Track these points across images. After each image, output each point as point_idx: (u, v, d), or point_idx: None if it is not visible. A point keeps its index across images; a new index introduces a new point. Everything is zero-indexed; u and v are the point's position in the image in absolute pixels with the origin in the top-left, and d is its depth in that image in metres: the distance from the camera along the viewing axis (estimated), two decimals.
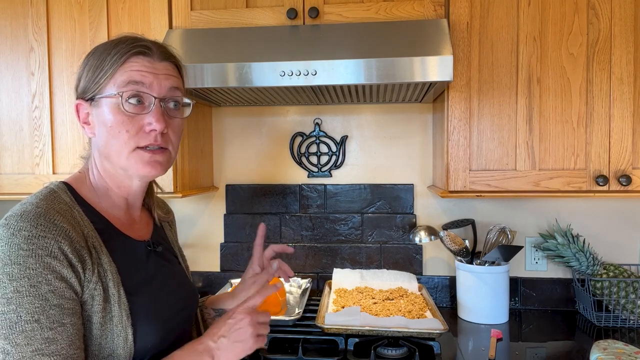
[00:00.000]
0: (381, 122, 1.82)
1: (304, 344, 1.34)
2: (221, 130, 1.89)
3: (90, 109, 0.84)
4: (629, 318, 1.56)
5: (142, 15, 1.52)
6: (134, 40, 0.83)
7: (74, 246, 0.73)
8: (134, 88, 0.80)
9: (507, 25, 1.41)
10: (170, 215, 1.10)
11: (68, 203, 0.79)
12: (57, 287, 0.70)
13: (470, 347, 1.40)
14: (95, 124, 0.84)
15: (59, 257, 0.70)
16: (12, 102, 1.58)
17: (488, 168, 1.43)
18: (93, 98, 0.82)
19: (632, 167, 1.38)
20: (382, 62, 1.28)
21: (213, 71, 1.33)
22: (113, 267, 0.78)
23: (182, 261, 1.05)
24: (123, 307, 0.77)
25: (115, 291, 0.77)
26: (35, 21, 1.55)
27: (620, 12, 1.36)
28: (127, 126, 0.80)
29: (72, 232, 0.74)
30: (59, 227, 0.72)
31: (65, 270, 0.71)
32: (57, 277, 0.70)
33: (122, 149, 0.81)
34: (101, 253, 0.78)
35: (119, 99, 0.80)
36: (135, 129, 0.81)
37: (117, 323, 0.76)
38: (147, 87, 0.81)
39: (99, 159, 0.86)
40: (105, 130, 0.82)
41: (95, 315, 0.74)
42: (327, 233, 1.84)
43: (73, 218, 0.77)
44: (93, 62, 0.83)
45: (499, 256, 1.54)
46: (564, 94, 1.40)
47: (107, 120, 0.81)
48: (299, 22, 1.46)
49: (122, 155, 0.82)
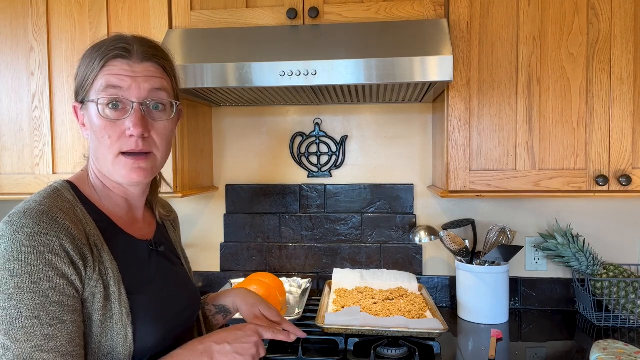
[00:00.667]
0: (381, 122, 1.82)
1: (304, 344, 1.34)
2: (221, 130, 1.89)
3: (82, 111, 0.85)
4: (629, 318, 1.56)
5: (142, 15, 1.52)
6: (114, 42, 0.82)
7: (75, 244, 0.73)
8: (112, 93, 0.80)
9: (507, 25, 1.41)
10: (172, 214, 1.10)
11: (71, 201, 0.79)
12: (57, 284, 0.70)
13: (470, 347, 1.40)
14: (87, 127, 0.85)
15: (60, 254, 0.71)
16: (12, 102, 1.58)
17: (488, 168, 1.43)
18: (83, 101, 0.83)
19: (632, 167, 1.38)
20: (382, 62, 1.28)
21: (213, 71, 1.33)
22: (114, 265, 0.78)
23: (185, 262, 1.05)
24: (124, 305, 0.77)
25: (116, 289, 0.77)
26: (35, 21, 1.55)
27: (620, 12, 1.36)
28: (108, 131, 0.80)
29: (74, 230, 0.74)
30: (61, 225, 0.72)
31: (67, 268, 0.71)
32: (58, 274, 0.70)
33: (107, 153, 0.82)
34: (103, 251, 0.78)
35: (97, 104, 0.80)
36: (117, 135, 0.80)
37: (117, 321, 0.76)
38: (126, 91, 0.80)
39: (93, 160, 0.87)
40: (93, 134, 0.83)
41: (96, 313, 0.74)
42: (327, 233, 1.84)
43: (76, 216, 0.77)
44: (82, 64, 0.84)
45: (499, 256, 1.54)
46: (564, 94, 1.40)
47: (93, 124, 0.82)
48: (299, 22, 1.46)
49: (108, 161, 0.82)
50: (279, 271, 1.86)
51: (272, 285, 1.51)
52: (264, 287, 1.47)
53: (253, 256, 1.87)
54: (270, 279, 1.57)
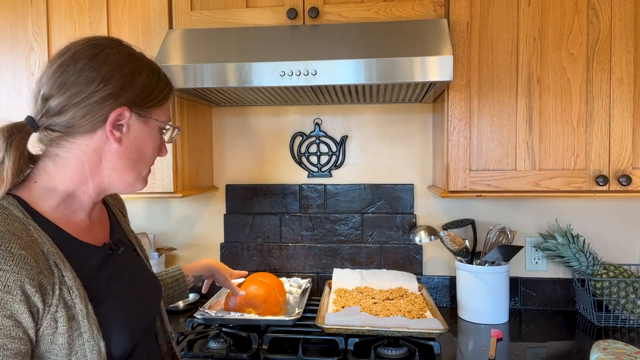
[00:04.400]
0: (381, 122, 1.82)
1: (304, 344, 1.34)
2: (221, 130, 1.89)
3: (130, 121, 0.81)
4: (629, 318, 1.56)
5: (142, 15, 1.52)
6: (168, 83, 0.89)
7: (32, 276, 0.67)
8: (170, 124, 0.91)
9: (507, 25, 1.41)
10: (119, 200, 1.06)
11: (22, 220, 0.72)
12: (3, 326, 0.64)
13: (470, 347, 1.40)
14: (124, 137, 0.81)
15: (13, 291, 0.65)
16: (12, 102, 1.58)
17: (488, 168, 1.43)
18: (142, 114, 0.83)
19: (632, 167, 1.38)
20: (382, 62, 1.28)
21: (213, 71, 1.33)
22: (78, 283, 0.74)
23: (140, 252, 1.00)
24: (92, 321, 0.73)
25: (83, 307, 0.73)
26: (35, 21, 1.55)
27: (620, 12, 1.36)
28: (155, 154, 0.88)
29: (31, 258, 0.68)
30: (16, 256, 0.66)
31: (18, 306, 0.66)
32: (5, 315, 0.65)
33: (141, 170, 0.86)
34: (64, 270, 0.73)
35: (171, 129, 0.89)
36: (153, 159, 0.89)
37: (87, 338, 0.72)
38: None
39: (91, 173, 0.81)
40: (134, 149, 0.83)
41: (61, 337, 0.70)
42: (327, 233, 1.84)
43: (30, 237, 0.71)
44: (144, 75, 0.83)
45: (499, 256, 1.54)
46: (564, 94, 1.40)
47: (146, 141, 0.85)
48: (299, 22, 1.46)
49: (131, 177, 0.84)
50: (279, 271, 1.86)
51: (272, 285, 1.51)
52: (264, 287, 1.46)
53: (253, 256, 1.87)
54: (270, 279, 1.57)
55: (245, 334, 1.39)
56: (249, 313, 1.41)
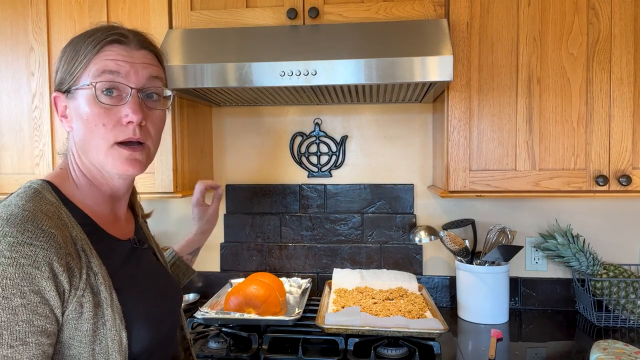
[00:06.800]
0: (381, 122, 1.82)
1: (304, 344, 1.34)
2: (221, 130, 1.89)
3: (67, 101, 0.80)
4: (629, 318, 1.56)
5: (142, 15, 1.52)
6: (109, 28, 0.80)
7: (61, 254, 0.68)
8: (109, 78, 0.76)
9: (507, 25, 1.41)
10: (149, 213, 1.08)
11: (54, 204, 0.74)
12: (30, 302, 0.64)
13: (470, 347, 1.40)
14: (72, 118, 0.80)
15: (42, 267, 0.65)
16: (12, 102, 1.58)
17: (488, 168, 1.43)
18: (69, 90, 0.79)
19: (632, 167, 1.38)
20: (382, 62, 1.28)
21: (213, 71, 1.34)
22: (104, 270, 0.74)
23: (162, 258, 1.02)
24: (116, 310, 0.74)
25: (108, 294, 0.73)
26: (35, 21, 1.55)
27: (620, 12, 1.36)
28: (103, 119, 0.76)
29: (60, 238, 0.69)
30: (47, 234, 0.67)
31: (46, 283, 0.66)
32: (33, 290, 0.65)
33: (100, 143, 0.78)
34: (91, 256, 0.74)
35: (93, 89, 0.76)
36: (112, 122, 0.77)
37: (110, 327, 0.73)
38: (124, 77, 0.77)
39: (77, 154, 0.82)
40: (82, 124, 0.78)
41: (87, 322, 0.70)
42: (327, 233, 1.84)
43: (60, 220, 0.72)
44: (69, 52, 0.79)
45: (499, 256, 1.54)
46: (564, 94, 1.40)
47: (83, 113, 0.77)
48: (299, 22, 1.46)
49: (101, 151, 0.78)
50: (279, 271, 1.86)
51: (272, 285, 1.51)
52: (264, 287, 1.46)
53: (253, 256, 1.87)
54: (270, 279, 1.57)
55: (245, 334, 1.39)
56: (249, 313, 1.41)
